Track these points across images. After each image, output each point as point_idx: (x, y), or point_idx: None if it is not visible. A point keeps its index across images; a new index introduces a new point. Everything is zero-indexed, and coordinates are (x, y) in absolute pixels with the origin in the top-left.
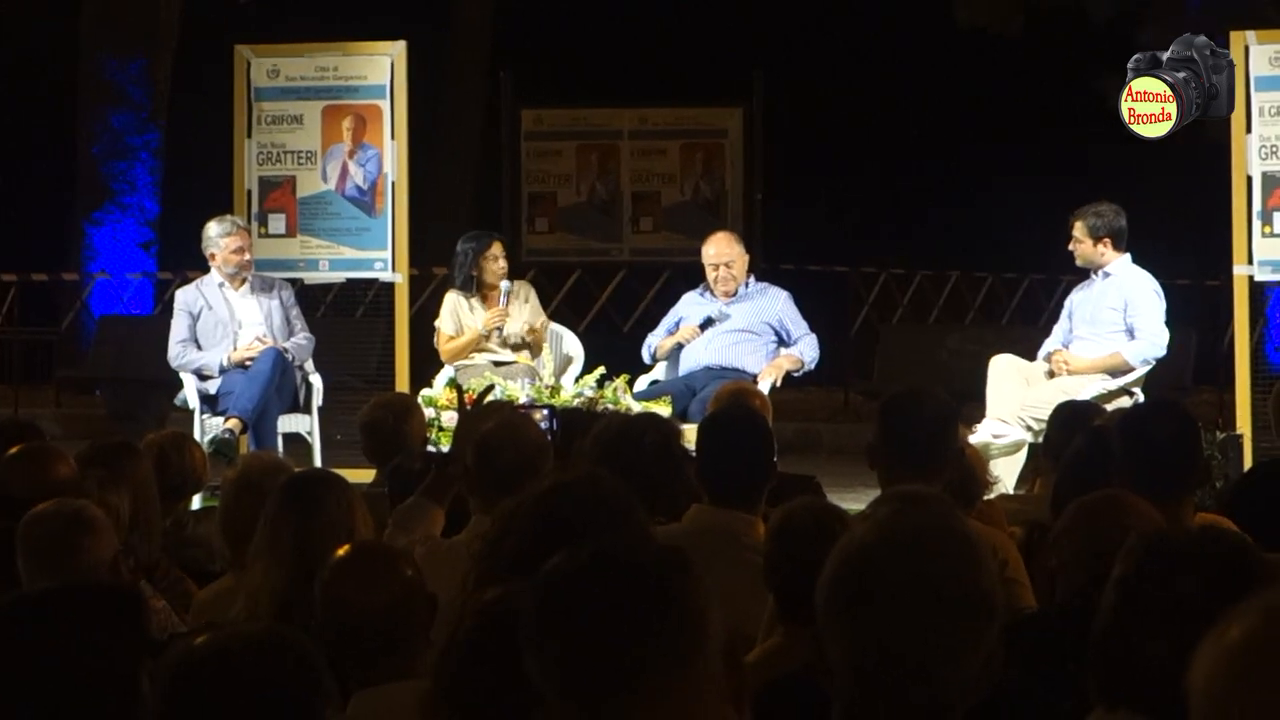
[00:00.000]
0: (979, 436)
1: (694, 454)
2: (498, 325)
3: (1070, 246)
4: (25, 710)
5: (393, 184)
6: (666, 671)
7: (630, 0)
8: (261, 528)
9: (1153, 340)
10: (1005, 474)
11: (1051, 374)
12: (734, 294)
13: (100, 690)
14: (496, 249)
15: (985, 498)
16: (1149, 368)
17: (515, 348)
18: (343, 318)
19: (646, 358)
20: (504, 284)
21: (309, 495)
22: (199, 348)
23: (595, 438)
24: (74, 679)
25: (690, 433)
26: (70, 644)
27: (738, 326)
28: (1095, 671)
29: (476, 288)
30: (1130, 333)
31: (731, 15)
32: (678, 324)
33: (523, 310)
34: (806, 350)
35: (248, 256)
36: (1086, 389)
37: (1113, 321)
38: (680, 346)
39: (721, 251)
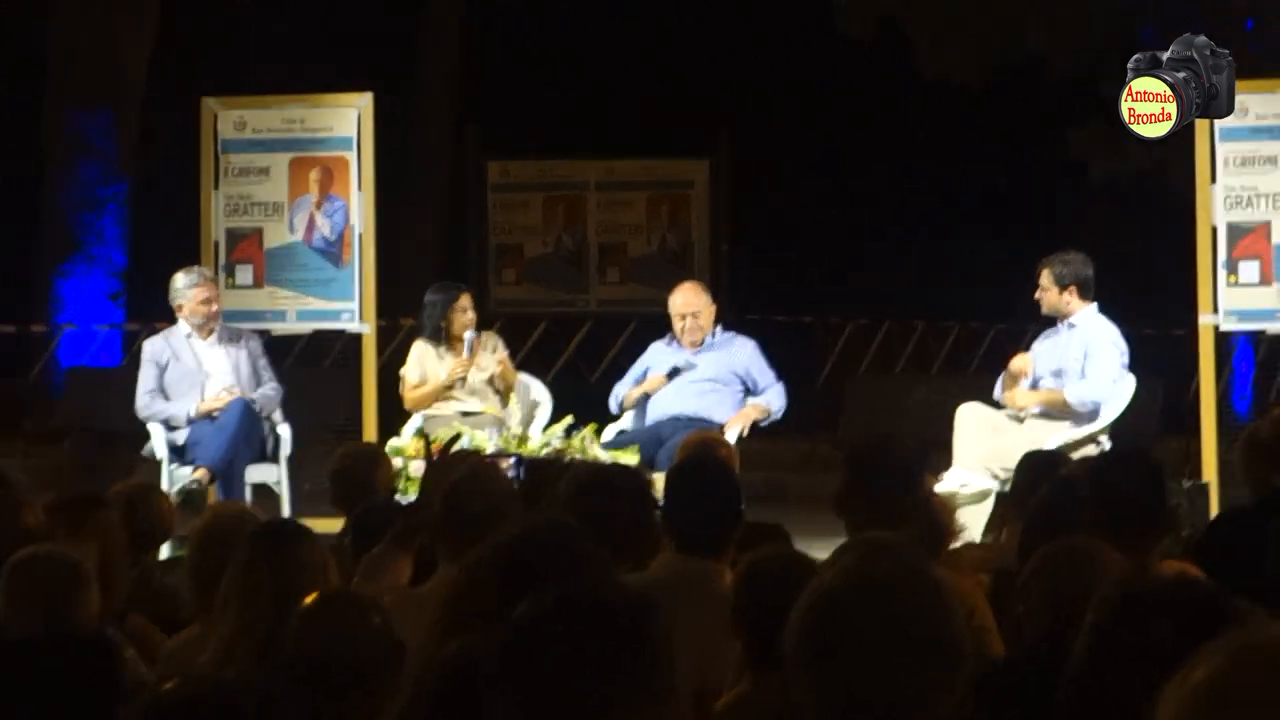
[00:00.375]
0: (945, 485)
1: (662, 502)
2: (461, 375)
3: (1036, 295)
4: None
5: (360, 235)
6: (637, 711)
7: (597, 53)
8: (231, 576)
9: (1095, 385)
10: (972, 522)
11: (1012, 383)
12: (701, 344)
13: None
14: (465, 301)
15: (952, 546)
16: (1101, 417)
17: (483, 396)
18: (311, 368)
19: (614, 407)
20: (468, 334)
21: (279, 544)
22: (167, 398)
23: (567, 485)
24: None
25: (659, 481)
26: (50, 693)
27: (705, 376)
28: (1066, 716)
29: (445, 339)
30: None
31: (698, 68)
32: (645, 374)
33: (490, 358)
34: (773, 400)
35: (215, 307)
36: (1052, 438)
37: (1077, 372)
38: (647, 396)
39: (689, 301)
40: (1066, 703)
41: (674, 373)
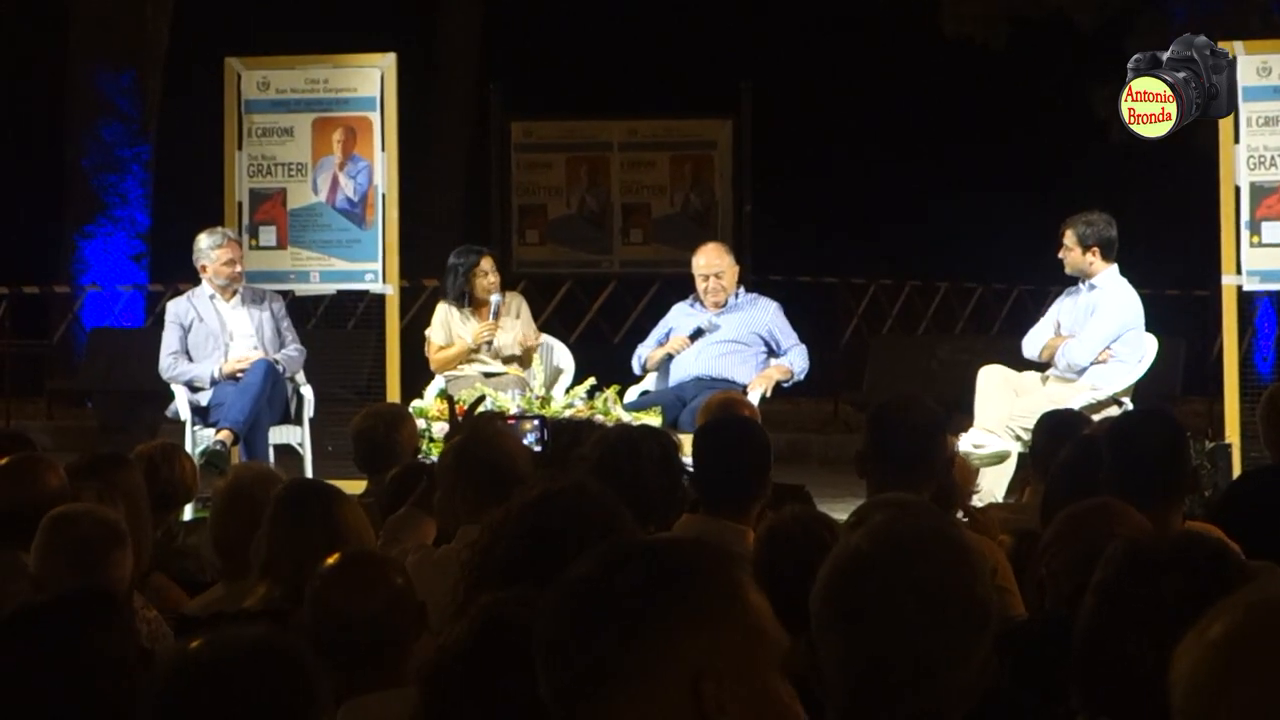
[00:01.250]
0: (960, 446)
1: (690, 464)
2: (488, 339)
3: (1059, 254)
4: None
5: (383, 196)
6: (718, 661)
7: (619, 13)
8: (258, 539)
9: (1080, 349)
10: (995, 483)
11: (1044, 367)
12: (724, 305)
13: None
14: (487, 264)
15: (974, 506)
16: (1123, 378)
17: (506, 360)
18: (334, 329)
19: (637, 368)
20: (494, 298)
21: (305, 505)
22: (190, 360)
23: (595, 445)
24: (71, 682)
25: (685, 443)
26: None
27: (728, 337)
28: (1077, 678)
29: (468, 301)
30: None
31: (720, 26)
32: (668, 335)
33: (514, 323)
34: (796, 361)
35: (239, 268)
36: (1075, 399)
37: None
38: (670, 357)
39: (711, 262)
40: (1076, 663)
41: (697, 334)
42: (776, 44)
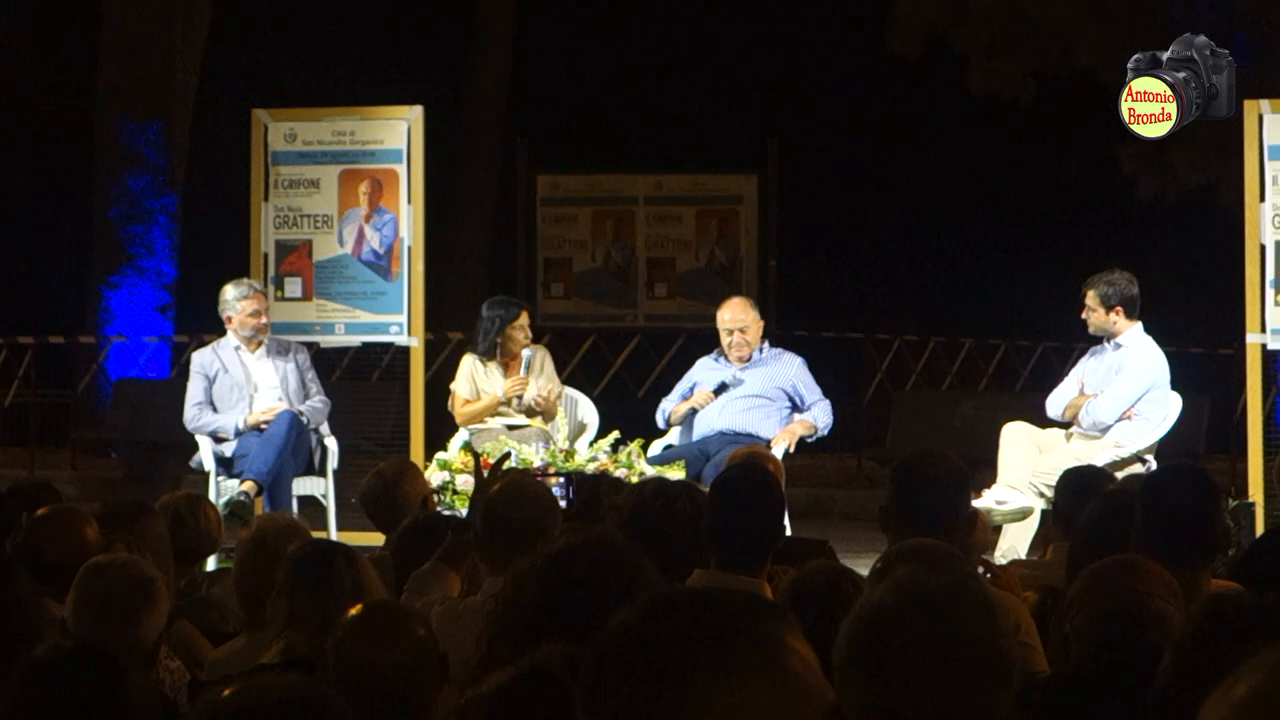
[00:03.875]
0: (982, 502)
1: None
2: (519, 393)
3: (1083, 315)
4: None
5: (409, 248)
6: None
7: (646, 68)
8: (274, 600)
9: (1104, 407)
10: (1018, 540)
11: (1068, 425)
12: (748, 360)
13: None
14: (524, 319)
15: (994, 562)
16: (1147, 436)
17: (530, 413)
18: (358, 381)
19: (661, 423)
20: (525, 352)
21: (320, 565)
22: (215, 410)
23: (630, 496)
24: None
25: None
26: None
27: (752, 392)
28: None
29: (497, 354)
30: None
31: (746, 83)
32: (692, 389)
33: (539, 377)
34: (820, 416)
35: (264, 320)
36: (1098, 457)
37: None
38: (694, 411)
39: (736, 317)
40: (1151, 717)
41: (721, 388)
42: (803, 100)
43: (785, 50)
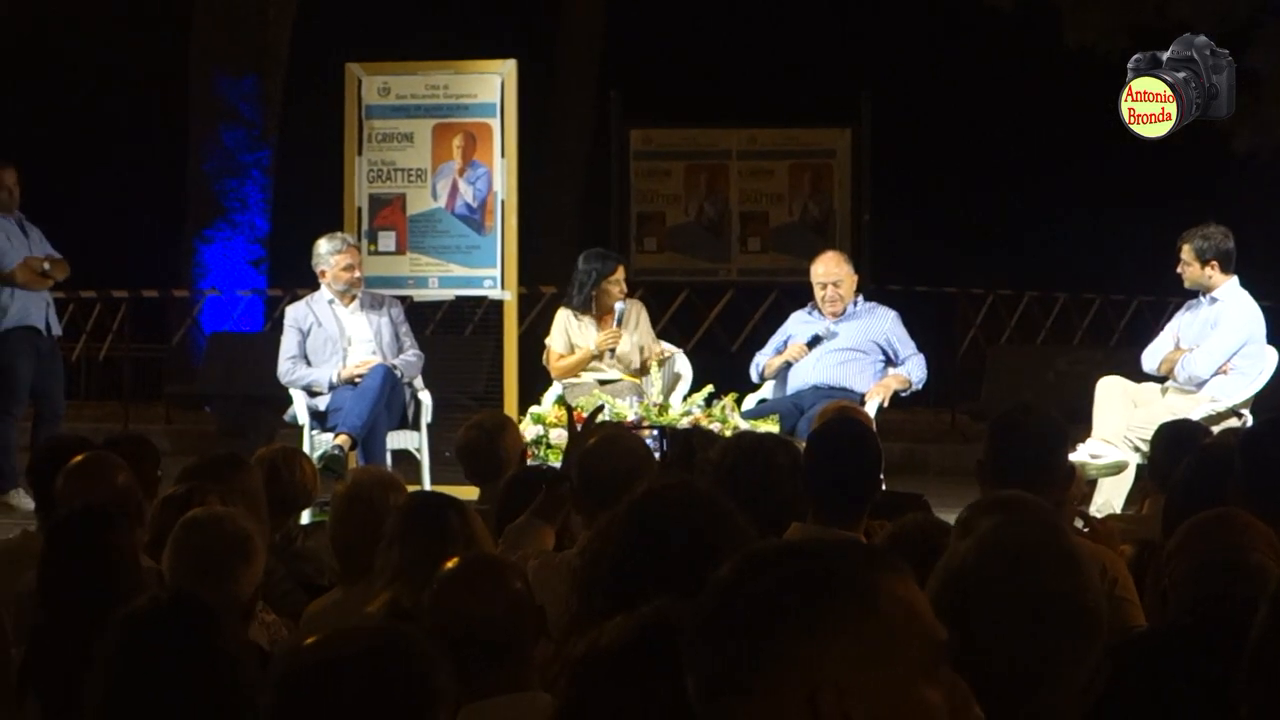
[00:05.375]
0: (1077, 456)
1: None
2: (611, 345)
3: (1178, 269)
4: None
5: (502, 202)
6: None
7: (739, 21)
8: (383, 550)
9: (1201, 361)
10: (1113, 494)
11: (1163, 379)
12: (841, 313)
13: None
14: (620, 273)
15: (1092, 515)
16: (1243, 390)
17: (627, 364)
18: (452, 335)
19: (755, 376)
20: (619, 305)
21: (432, 517)
22: (309, 364)
23: (725, 451)
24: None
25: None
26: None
27: (845, 345)
28: (1246, 690)
29: (592, 307)
30: None
31: (839, 37)
32: (786, 343)
33: (634, 331)
34: (914, 370)
35: (358, 274)
36: (1194, 411)
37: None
38: (788, 365)
39: (830, 271)
40: (1248, 671)
41: (815, 341)
42: (896, 53)
43: (878, 3)
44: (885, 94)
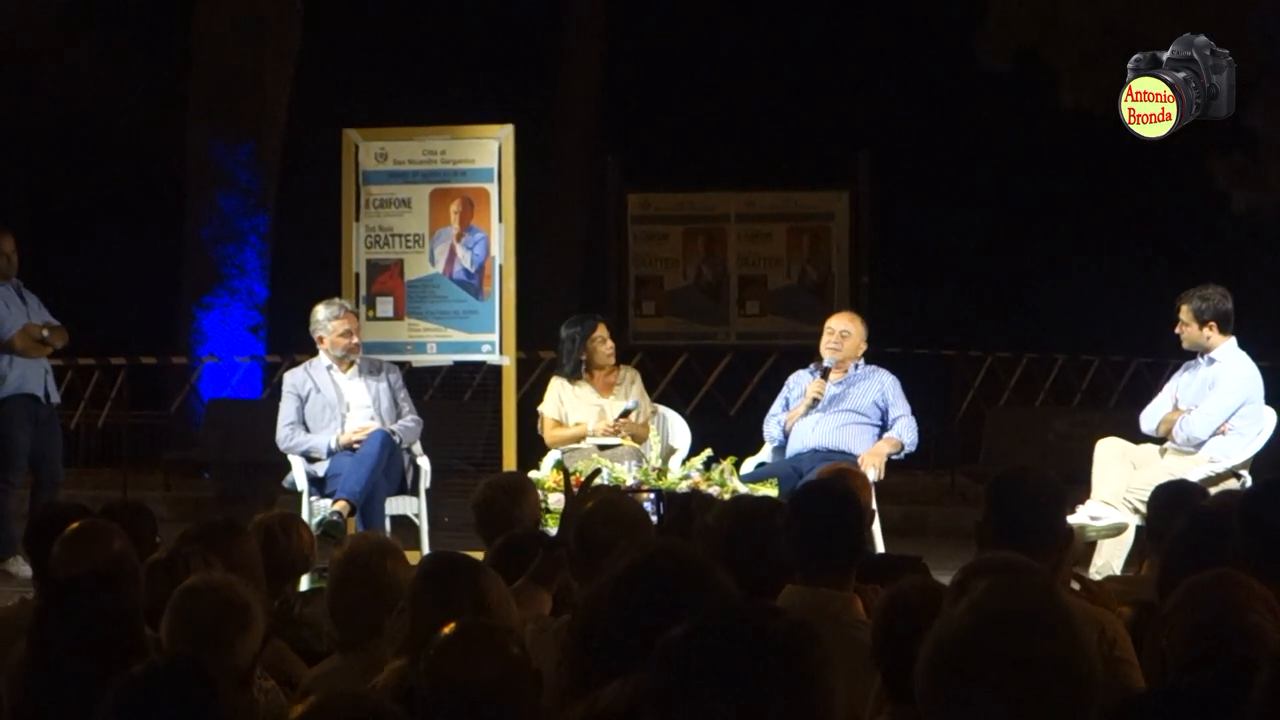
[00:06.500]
0: (1076, 518)
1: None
2: (609, 434)
3: (1176, 329)
4: None
5: (500, 267)
6: None
7: (735, 85)
8: (398, 613)
9: (1198, 422)
10: (1113, 557)
11: (1162, 441)
12: (842, 367)
13: None
14: (602, 330)
15: (1088, 577)
16: (1241, 452)
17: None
18: (450, 400)
19: (776, 436)
20: (631, 403)
21: (450, 580)
22: (307, 430)
23: (722, 516)
24: None
25: None
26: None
27: (846, 408)
28: None
29: (585, 371)
30: None
31: (836, 99)
32: (794, 398)
33: (631, 398)
34: (904, 432)
35: (356, 339)
36: (1193, 472)
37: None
38: (815, 402)
39: (843, 322)
40: None
41: (826, 373)
42: (893, 115)
43: (875, 66)
44: (882, 156)
